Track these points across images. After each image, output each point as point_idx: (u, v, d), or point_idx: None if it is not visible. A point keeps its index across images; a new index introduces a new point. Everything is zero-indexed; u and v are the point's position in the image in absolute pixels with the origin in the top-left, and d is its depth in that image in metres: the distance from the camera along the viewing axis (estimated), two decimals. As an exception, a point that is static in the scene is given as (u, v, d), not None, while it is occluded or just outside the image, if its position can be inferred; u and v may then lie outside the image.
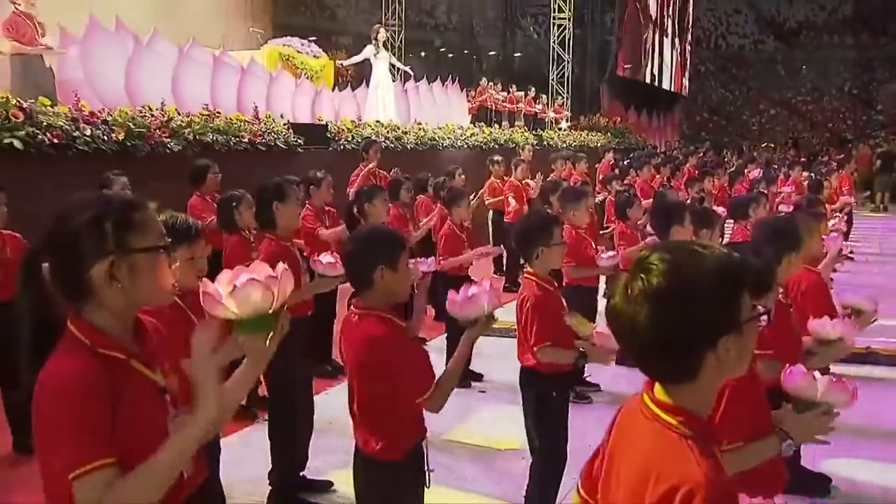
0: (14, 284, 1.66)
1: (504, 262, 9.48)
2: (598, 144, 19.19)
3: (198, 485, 1.83)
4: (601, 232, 7.50)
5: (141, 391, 1.65)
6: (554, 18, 23.27)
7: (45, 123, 6.27)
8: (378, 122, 11.55)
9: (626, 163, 12.89)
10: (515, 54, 33.16)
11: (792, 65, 41.65)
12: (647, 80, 29.72)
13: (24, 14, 7.92)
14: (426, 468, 2.69)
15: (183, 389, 1.73)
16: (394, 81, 13.38)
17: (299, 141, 9.23)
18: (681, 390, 1.42)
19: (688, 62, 35.73)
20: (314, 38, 14.27)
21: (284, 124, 9.33)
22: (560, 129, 19.05)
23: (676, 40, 32.90)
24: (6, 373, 4.06)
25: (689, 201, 7.61)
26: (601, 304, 6.08)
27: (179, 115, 7.99)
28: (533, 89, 19.46)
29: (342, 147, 10.07)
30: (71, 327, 1.64)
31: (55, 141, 6.26)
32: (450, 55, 32.10)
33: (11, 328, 2.24)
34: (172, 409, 1.73)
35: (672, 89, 33.54)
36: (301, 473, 4.06)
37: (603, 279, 6.15)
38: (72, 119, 6.58)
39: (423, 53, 29.16)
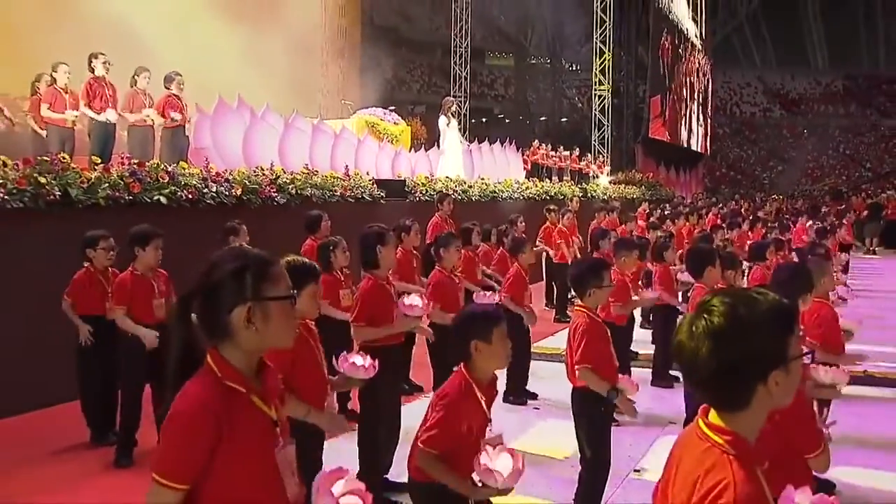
0: (167, 311, 1.70)
1: (554, 296, 9.45)
2: (634, 196, 19.01)
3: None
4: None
5: (254, 422, 1.65)
6: (595, 90, 23.31)
7: (183, 183, 6.48)
8: (448, 177, 11.69)
9: (661, 213, 12.74)
10: (562, 120, 33.27)
11: (795, 129, 42.25)
12: (684, 145, 29.84)
13: (175, 96, 8.56)
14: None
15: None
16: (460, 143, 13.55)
17: (382, 194, 9.34)
18: (734, 417, 1.42)
19: (709, 126, 36.22)
20: (394, 108, 14.54)
21: (369, 180, 9.45)
22: (599, 183, 18.93)
23: (701, 110, 33.53)
24: (159, 383, 4.30)
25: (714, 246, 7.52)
26: (635, 333, 6.13)
27: (285, 173, 8.15)
28: (577, 149, 19.44)
29: (417, 199, 10.19)
30: (208, 359, 1.65)
31: (190, 197, 6.46)
32: (507, 121, 32.38)
33: (165, 345, 2.31)
34: (280, 439, 1.72)
35: (698, 149, 33.59)
36: (385, 476, 4.10)
37: (638, 318, 6.14)
38: (202, 179, 6.77)
39: (483, 119, 29.49)
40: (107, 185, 5.82)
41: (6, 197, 5.09)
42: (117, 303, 4.41)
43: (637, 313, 6.16)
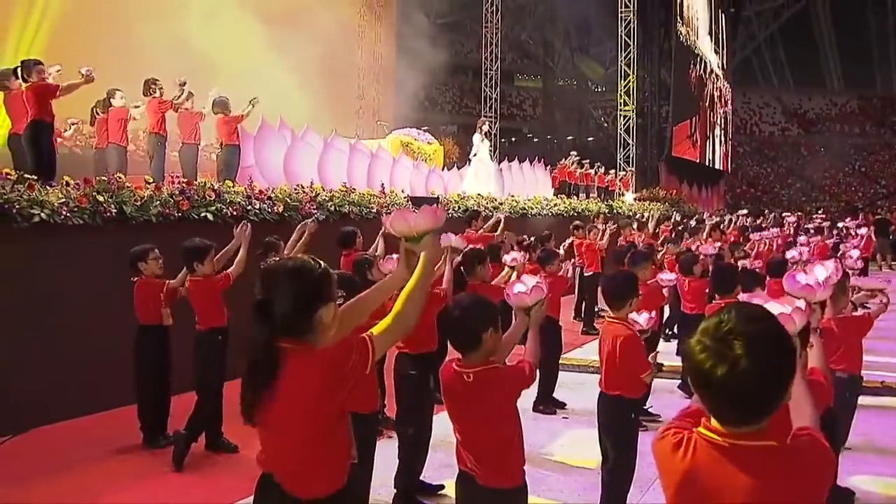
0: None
1: (583, 309, 9.35)
2: (658, 212, 18.79)
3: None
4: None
5: None
6: (620, 110, 23.18)
7: (228, 200, 6.55)
8: (479, 194, 11.69)
9: (680, 228, 12.54)
10: (588, 139, 33.15)
11: (812, 147, 42.36)
12: (710, 165, 29.98)
13: (234, 117, 8.92)
14: None
15: None
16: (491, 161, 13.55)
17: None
18: (750, 428, 1.38)
19: (729, 145, 36.33)
20: (427, 128, 14.63)
21: (404, 197, 9.49)
22: (625, 200, 18.75)
23: (722, 130, 33.89)
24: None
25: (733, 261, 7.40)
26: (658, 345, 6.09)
27: (324, 191, 8.21)
28: (603, 167, 19.29)
29: (450, 216, 10.19)
30: (293, 346, 1.84)
31: (234, 213, 6.49)
32: (535, 140, 32.34)
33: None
34: None
35: (719, 167, 33.72)
36: (420, 478, 4.10)
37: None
38: (246, 196, 6.83)
39: (513, 139, 29.50)
40: (158, 202, 5.95)
41: (68, 214, 5.24)
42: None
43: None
